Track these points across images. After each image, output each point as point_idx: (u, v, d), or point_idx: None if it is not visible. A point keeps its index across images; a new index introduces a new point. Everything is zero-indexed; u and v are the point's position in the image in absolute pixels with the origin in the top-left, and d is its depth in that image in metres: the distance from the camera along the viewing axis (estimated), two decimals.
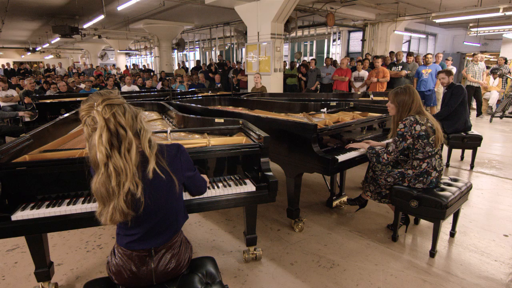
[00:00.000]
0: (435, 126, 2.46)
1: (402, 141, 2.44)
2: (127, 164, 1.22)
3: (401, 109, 2.52)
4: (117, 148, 1.22)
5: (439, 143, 2.48)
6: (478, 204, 3.40)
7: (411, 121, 2.42)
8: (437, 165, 2.51)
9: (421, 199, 2.40)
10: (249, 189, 1.95)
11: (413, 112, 2.47)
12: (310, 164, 2.54)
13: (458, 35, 14.90)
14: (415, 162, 2.52)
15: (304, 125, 2.53)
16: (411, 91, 2.50)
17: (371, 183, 2.84)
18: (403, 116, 2.50)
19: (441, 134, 2.49)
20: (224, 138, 2.43)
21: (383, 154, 2.52)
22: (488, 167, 4.61)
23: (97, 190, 1.22)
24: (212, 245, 2.69)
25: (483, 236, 2.79)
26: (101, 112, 1.19)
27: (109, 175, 1.21)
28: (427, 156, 2.47)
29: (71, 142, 2.55)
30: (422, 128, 2.41)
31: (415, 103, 2.47)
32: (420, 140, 2.43)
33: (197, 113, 3.69)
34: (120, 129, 1.21)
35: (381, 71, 7.26)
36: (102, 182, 1.21)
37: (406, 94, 2.49)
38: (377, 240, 2.73)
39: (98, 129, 1.18)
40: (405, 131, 2.43)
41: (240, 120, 2.59)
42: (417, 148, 2.47)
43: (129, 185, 1.22)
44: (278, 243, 2.70)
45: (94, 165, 1.24)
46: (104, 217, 1.24)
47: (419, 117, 2.44)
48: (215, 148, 2.02)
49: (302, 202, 3.46)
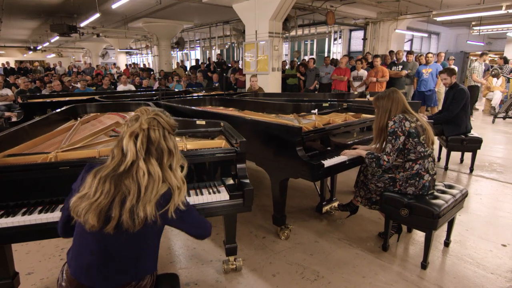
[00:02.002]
0: (425, 126, 2.37)
1: (396, 138, 2.32)
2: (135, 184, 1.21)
3: (380, 113, 2.45)
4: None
5: (430, 143, 2.38)
6: (476, 211, 3.24)
7: (400, 117, 2.33)
8: (430, 168, 2.36)
9: (412, 207, 2.25)
10: (222, 198, 1.81)
11: (394, 115, 2.38)
12: (294, 169, 2.40)
13: (461, 34, 14.65)
14: (407, 164, 2.38)
15: (288, 128, 2.39)
16: (392, 95, 2.42)
17: (361, 188, 2.70)
18: (382, 121, 2.42)
19: (432, 134, 2.40)
20: (204, 141, 2.30)
21: (382, 156, 2.38)
22: (489, 170, 4.43)
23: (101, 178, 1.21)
24: (192, 254, 2.56)
25: (480, 245, 2.63)
26: (145, 119, 1.26)
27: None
28: (420, 156, 2.34)
29: (43, 145, 2.43)
30: (411, 125, 2.32)
31: (394, 107, 2.39)
32: (411, 138, 2.32)
33: (181, 114, 3.56)
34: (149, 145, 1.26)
35: (380, 70, 7.09)
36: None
37: (384, 99, 2.43)
38: (366, 249, 2.59)
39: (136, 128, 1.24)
40: (396, 127, 2.32)
41: (221, 123, 2.46)
42: (409, 148, 2.35)
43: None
44: (262, 252, 2.56)
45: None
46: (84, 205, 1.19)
47: (408, 115, 2.36)
48: (186, 153, 1.88)
49: (291, 207, 3.33)
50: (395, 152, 2.34)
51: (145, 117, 1.27)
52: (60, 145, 2.22)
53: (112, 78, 10.80)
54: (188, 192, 1.86)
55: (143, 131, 1.24)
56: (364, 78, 7.47)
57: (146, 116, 1.27)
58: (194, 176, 1.96)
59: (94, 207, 1.16)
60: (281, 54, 8.95)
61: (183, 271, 2.34)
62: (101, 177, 1.19)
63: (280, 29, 8.30)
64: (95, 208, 1.16)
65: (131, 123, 1.26)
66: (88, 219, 1.16)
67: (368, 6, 10.23)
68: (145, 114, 1.28)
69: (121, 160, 1.23)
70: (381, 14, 11.37)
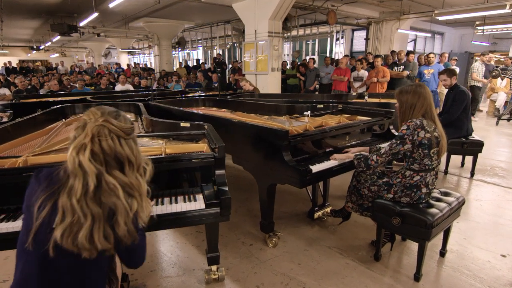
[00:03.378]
0: (441, 138, 2.18)
1: (400, 144, 2.15)
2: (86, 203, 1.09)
3: (403, 109, 2.25)
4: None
5: (441, 153, 2.21)
6: (475, 218, 3.10)
7: (416, 124, 2.12)
8: (430, 183, 2.22)
9: (405, 216, 2.12)
10: (198, 206, 1.70)
11: (417, 114, 2.18)
12: (280, 174, 2.28)
13: (466, 34, 14.42)
14: (408, 172, 2.24)
15: (274, 131, 2.27)
16: (418, 90, 2.20)
17: (353, 194, 2.58)
18: (405, 118, 2.23)
19: (445, 146, 2.22)
20: (186, 145, 2.19)
21: (372, 155, 2.24)
22: (490, 174, 4.28)
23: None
24: (175, 262, 2.45)
25: (478, 256, 2.49)
26: (92, 127, 1.12)
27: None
28: (423, 169, 2.18)
29: (21, 147, 2.34)
30: (426, 135, 2.11)
31: (420, 104, 2.18)
32: (421, 149, 2.13)
33: (170, 115, 3.46)
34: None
35: (381, 70, 6.94)
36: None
37: (410, 93, 2.21)
38: (358, 259, 2.46)
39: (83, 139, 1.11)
40: (407, 134, 2.13)
41: (205, 125, 2.35)
42: (415, 158, 2.18)
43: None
44: (247, 260, 2.45)
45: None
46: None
47: (427, 122, 2.15)
48: (160, 159, 1.77)
49: (282, 212, 3.22)
50: (390, 155, 2.20)
51: (92, 125, 1.12)
52: (33, 149, 2.12)
53: (112, 78, 10.75)
54: (162, 199, 1.76)
55: (91, 142, 1.10)
56: (365, 79, 7.33)
57: (94, 124, 1.12)
58: (171, 183, 1.85)
59: (89, 232, 1.07)
60: (281, 54, 8.84)
61: (164, 281, 2.24)
62: (78, 200, 1.07)
63: (280, 28, 8.19)
64: (89, 233, 1.07)
65: (77, 132, 1.12)
66: (86, 247, 1.08)
67: (370, 6, 10.08)
68: (92, 121, 1.13)
69: (84, 177, 1.09)
70: (383, 14, 11.20)
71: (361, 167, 2.33)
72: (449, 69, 4.08)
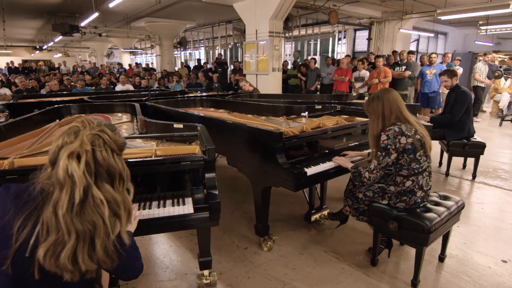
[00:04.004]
0: (424, 139, 2.09)
1: (386, 156, 2.08)
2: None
3: (372, 119, 2.17)
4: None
5: (429, 152, 2.13)
6: (476, 222, 3.03)
7: (396, 132, 2.05)
8: (425, 184, 2.16)
9: (402, 220, 2.07)
10: (186, 210, 1.65)
11: (388, 120, 2.11)
12: (274, 177, 2.23)
13: (469, 34, 14.27)
14: (398, 178, 2.18)
15: (268, 133, 2.22)
16: (381, 96, 2.14)
17: (349, 197, 2.52)
18: (377, 127, 2.14)
19: (430, 145, 2.13)
20: (178, 147, 2.13)
21: (364, 173, 2.16)
22: (493, 177, 4.20)
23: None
24: (167, 266, 2.40)
25: (478, 261, 2.43)
26: (87, 135, 1.05)
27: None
28: (412, 173, 2.11)
29: (10, 148, 2.30)
30: (408, 140, 2.04)
31: (387, 109, 2.10)
32: (406, 154, 2.07)
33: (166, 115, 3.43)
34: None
35: (382, 71, 6.87)
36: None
37: (374, 101, 2.15)
38: (354, 264, 2.40)
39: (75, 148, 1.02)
40: (389, 144, 2.06)
41: (198, 126, 2.30)
42: (402, 164, 2.12)
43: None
44: (241, 264, 2.40)
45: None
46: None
47: (406, 127, 2.07)
48: (148, 162, 1.72)
49: (280, 214, 3.17)
50: (380, 170, 2.11)
51: (87, 132, 1.05)
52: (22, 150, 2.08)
53: (114, 78, 10.73)
54: (150, 203, 1.71)
55: (86, 151, 1.02)
56: (366, 79, 7.26)
57: (89, 132, 1.05)
58: (161, 186, 1.81)
59: (72, 252, 0.98)
60: (282, 54, 8.78)
61: (155, 285, 2.19)
62: (64, 214, 0.97)
63: (280, 28, 8.13)
64: (72, 252, 0.98)
65: (69, 138, 1.04)
66: (68, 268, 0.98)
67: (372, 5, 9.99)
68: (87, 129, 1.06)
69: (72, 188, 0.99)
70: (386, 14, 11.11)
71: (356, 182, 2.28)
72: (449, 70, 4.01)
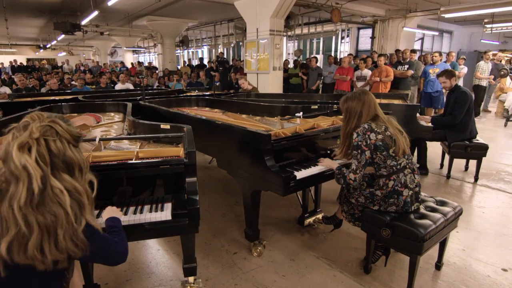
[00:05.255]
0: (395, 135, 2.04)
1: (361, 152, 2.04)
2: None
3: (348, 117, 2.14)
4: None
5: (400, 154, 2.04)
6: (476, 227, 2.92)
7: (365, 128, 2.03)
8: (409, 182, 2.06)
9: (395, 227, 1.97)
10: (163, 217, 1.57)
11: (364, 120, 2.08)
12: (262, 180, 2.14)
13: (475, 33, 14.03)
14: (381, 180, 2.10)
15: (256, 135, 2.13)
16: (363, 97, 2.11)
17: (344, 203, 2.43)
18: (351, 125, 2.12)
19: (402, 144, 2.05)
20: (161, 149, 2.05)
21: (348, 174, 2.09)
22: (496, 179, 4.07)
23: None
24: (152, 271, 2.33)
25: (477, 269, 2.32)
26: (37, 127, 1.03)
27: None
28: (392, 171, 2.05)
29: None
30: (378, 137, 2.00)
31: (366, 110, 2.08)
32: (379, 152, 2.02)
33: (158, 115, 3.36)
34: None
35: (384, 70, 6.74)
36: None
37: (355, 100, 2.11)
38: (347, 271, 2.31)
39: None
40: (359, 141, 2.04)
41: (184, 127, 2.22)
42: (378, 163, 2.06)
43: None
44: (229, 270, 2.31)
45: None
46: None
47: (375, 124, 2.05)
48: (122, 166, 1.64)
49: (272, 218, 3.08)
50: (362, 168, 2.06)
51: (36, 124, 1.04)
52: None
53: (115, 76, 10.70)
54: (127, 209, 1.63)
55: (37, 141, 1.01)
56: (368, 78, 7.13)
57: (39, 124, 1.04)
58: (140, 190, 1.73)
59: (39, 243, 1.00)
60: (283, 53, 8.67)
61: None
62: (21, 207, 0.97)
63: (281, 27, 8.03)
64: (39, 243, 1.00)
65: (19, 133, 1.02)
66: (38, 258, 1.00)
67: (376, 3, 9.86)
68: (36, 121, 1.05)
69: (29, 180, 0.98)
70: (389, 12, 10.94)
71: (341, 183, 2.18)
72: (447, 71, 3.89)
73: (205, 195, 3.62)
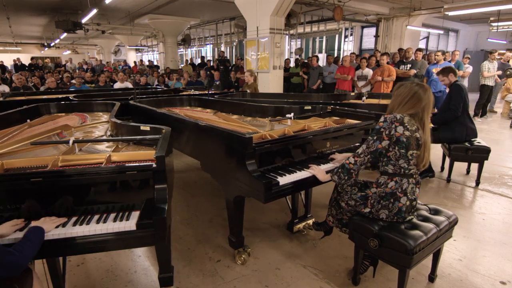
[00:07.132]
0: (422, 143, 1.89)
1: (377, 139, 1.90)
2: None
3: (393, 100, 2.01)
4: None
5: (420, 164, 1.92)
6: (475, 235, 2.77)
7: (395, 118, 1.87)
8: (410, 191, 1.93)
9: (383, 238, 1.84)
10: (127, 227, 1.45)
11: (406, 110, 1.93)
12: (244, 186, 2.02)
13: (482, 32, 13.75)
14: (382, 178, 1.97)
15: (237, 138, 2.01)
16: (416, 89, 1.94)
17: (333, 206, 2.30)
18: (390, 109, 2.00)
19: (427, 156, 1.92)
20: (135, 152, 1.94)
21: (349, 158, 1.99)
22: (498, 184, 3.91)
23: None
24: (131, 279, 2.23)
25: (474, 282, 2.18)
26: None
27: None
28: (398, 172, 1.91)
29: None
30: (405, 133, 1.85)
31: (411, 103, 1.92)
32: (397, 147, 1.87)
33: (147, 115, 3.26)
34: None
35: (386, 69, 6.58)
36: None
37: (407, 88, 1.96)
38: (334, 281, 2.19)
39: None
40: (383, 127, 1.89)
41: (163, 129, 2.11)
42: (389, 157, 1.92)
43: None
44: (210, 279, 2.20)
45: None
46: None
47: (409, 120, 1.89)
48: (87, 170, 1.53)
49: (260, 223, 2.96)
50: (367, 155, 1.94)
51: None
52: None
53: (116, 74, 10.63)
54: (91, 217, 1.52)
55: None
56: (369, 78, 6.97)
57: None
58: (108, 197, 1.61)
59: None
60: (283, 52, 8.53)
61: None
62: None
63: (282, 25, 7.89)
64: None
65: None
66: None
67: (379, 1, 9.68)
68: None
69: None
70: (393, 10, 10.75)
71: (343, 178, 2.04)
72: (444, 68, 3.77)
73: (194, 198, 3.51)
